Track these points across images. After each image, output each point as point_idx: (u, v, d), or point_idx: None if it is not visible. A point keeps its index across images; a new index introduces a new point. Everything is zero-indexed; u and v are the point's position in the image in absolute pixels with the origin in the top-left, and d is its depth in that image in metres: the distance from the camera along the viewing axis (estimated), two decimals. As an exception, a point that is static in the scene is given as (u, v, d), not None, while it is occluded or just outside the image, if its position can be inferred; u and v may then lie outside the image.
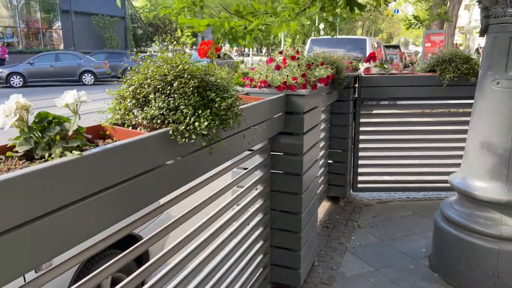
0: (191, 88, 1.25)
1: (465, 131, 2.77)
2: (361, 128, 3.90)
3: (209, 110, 1.26)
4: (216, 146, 1.39)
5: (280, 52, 2.36)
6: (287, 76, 2.20)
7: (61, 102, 0.95)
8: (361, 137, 3.91)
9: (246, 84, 2.25)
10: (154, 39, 35.93)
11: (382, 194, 4.05)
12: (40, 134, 0.92)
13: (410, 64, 31.27)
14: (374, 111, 4.00)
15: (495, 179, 2.39)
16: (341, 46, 10.44)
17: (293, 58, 2.25)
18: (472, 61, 3.43)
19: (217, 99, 1.28)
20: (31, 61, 17.33)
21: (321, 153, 3.39)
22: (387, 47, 19.65)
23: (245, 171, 2.04)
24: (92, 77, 17.74)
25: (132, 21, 32.53)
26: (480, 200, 2.42)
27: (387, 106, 4.11)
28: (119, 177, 1.02)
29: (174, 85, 1.25)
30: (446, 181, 2.89)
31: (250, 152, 2.08)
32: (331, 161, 3.81)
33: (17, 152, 0.91)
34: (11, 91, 9.03)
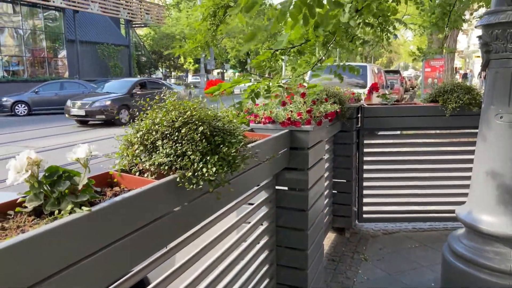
0: (199, 134, 1.27)
1: (470, 161, 2.77)
2: (365, 158, 3.89)
3: (217, 156, 1.27)
4: (223, 189, 1.39)
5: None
6: (292, 112, 2.22)
7: (73, 156, 0.96)
8: (365, 167, 3.90)
9: (250, 120, 2.27)
10: (157, 65, 36.52)
11: (388, 224, 4.01)
12: (50, 189, 0.92)
13: (411, 88, 31.55)
14: (377, 141, 4.01)
15: (502, 213, 2.37)
16: (342, 73, 10.58)
17: (303, 95, 2.28)
18: (474, 92, 3.46)
19: (225, 145, 1.29)
20: (36, 90, 17.59)
21: (325, 184, 3.38)
22: (388, 72, 19.89)
23: (250, 207, 2.03)
24: (96, 104, 17.91)
25: (136, 49, 33.15)
26: (487, 234, 2.39)
27: (391, 136, 4.12)
28: (128, 229, 1.02)
29: (182, 131, 1.27)
30: (452, 211, 2.86)
31: (255, 188, 2.07)
32: (335, 191, 3.80)
33: (26, 207, 0.91)
34: (16, 120, 9.14)
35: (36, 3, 23.24)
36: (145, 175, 1.28)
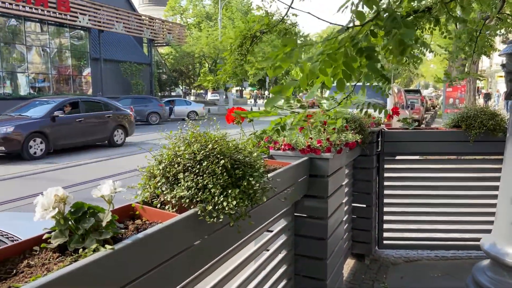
0: (220, 168, 1.28)
1: (495, 188, 2.69)
2: (386, 183, 3.83)
3: (237, 190, 1.27)
4: (243, 221, 1.39)
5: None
6: (312, 139, 2.22)
7: (98, 193, 0.98)
8: (386, 192, 3.84)
9: (270, 146, 2.28)
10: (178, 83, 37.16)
11: (410, 251, 3.91)
12: (75, 225, 0.94)
13: (432, 108, 31.11)
14: (398, 166, 3.95)
15: (531, 246, 2.28)
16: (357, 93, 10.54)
17: (324, 123, 2.27)
18: (498, 117, 3.39)
19: (246, 178, 1.30)
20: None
21: (345, 208, 3.33)
22: (408, 91, 19.71)
23: (268, 235, 2.02)
24: (117, 121, 18.25)
25: (157, 67, 33.89)
26: (514, 267, 2.31)
27: (412, 161, 4.05)
28: (149, 265, 1.02)
29: (204, 164, 1.28)
30: (476, 239, 2.78)
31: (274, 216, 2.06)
32: (354, 216, 3.74)
33: (51, 243, 0.93)
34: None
35: (63, 23, 24.11)
36: (166, 207, 1.29)
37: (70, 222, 0.94)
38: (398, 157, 3.95)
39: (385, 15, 1.03)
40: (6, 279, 0.81)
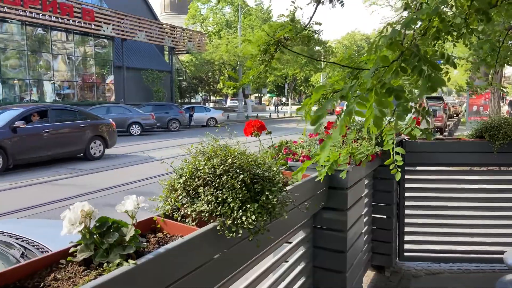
0: (239, 182, 1.30)
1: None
2: (407, 194, 3.78)
3: (256, 204, 1.29)
4: (262, 235, 1.40)
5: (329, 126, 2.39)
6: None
7: (121, 208, 1.01)
8: (407, 203, 3.78)
9: (288, 158, 2.29)
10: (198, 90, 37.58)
11: (431, 264, 3.83)
12: (100, 239, 0.97)
13: (455, 115, 30.48)
14: (420, 177, 3.89)
15: (558, 262, 2.21)
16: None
17: (343, 136, 2.27)
18: (523, 128, 3.31)
19: (264, 193, 1.31)
20: (84, 113, 18.43)
21: (365, 220, 3.30)
22: (430, 98, 19.38)
23: (287, 246, 2.02)
24: (139, 128, 18.63)
25: (178, 74, 34.39)
26: (542, 284, 2.24)
27: (434, 172, 3.99)
28: (170, 279, 1.05)
29: (223, 178, 1.30)
30: (500, 252, 2.70)
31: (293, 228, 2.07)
32: (374, 227, 3.69)
33: (76, 257, 0.96)
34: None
35: (87, 32, 24.78)
36: (187, 220, 1.31)
37: (95, 237, 0.97)
38: (419, 168, 3.89)
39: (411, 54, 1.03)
40: (35, 292, 0.85)
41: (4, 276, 0.87)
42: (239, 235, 1.24)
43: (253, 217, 1.26)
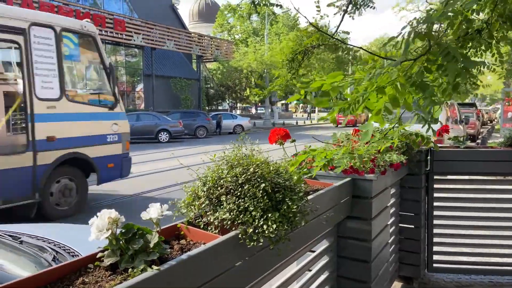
0: (261, 191, 1.32)
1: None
2: (436, 203, 3.69)
3: (277, 213, 1.30)
4: (284, 244, 1.41)
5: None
6: (355, 159, 2.21)
7: (146, 216, 1.05)
8: (436, 212, 3.69)
9: (312, 166, 2.29)
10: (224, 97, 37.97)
11: (462, 276, 3.71)
12: (125, 245, 1.01)
13: (489, 122, 29.45)
14: (449, 186, 3.79)
15: None
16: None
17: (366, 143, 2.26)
18: (559, 136, 3.18)
19: (285, 202, 1.33)
20: (115, 121, 19.01)
21: (391, 230, 3.24)
22: (462, 105, 18.82)
23: (310, 255, 2.02)
24: (167, 135, 18.99)
25: (205, 82, 34.88)
26: None
27: (465, 181, 3.88)
28: (193, 285, 1.08)
29: (245, 187, 1.33)
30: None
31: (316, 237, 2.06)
32: (402, 237, 3.62)
33: (103, 262, 1.00)
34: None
35: (119, 41, 25.57)
36: (209, 227, 1.34)
37: (121, 243, 1.02)
38: (449, 177, 3.80)
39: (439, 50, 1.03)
40: (64, 295, 0.89)
41: (37, 279, 0.92)
42: (260, 243, 1.26)
43: (274, 226, 1.27)
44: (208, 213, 1.35)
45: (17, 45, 5.81)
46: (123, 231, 1.04)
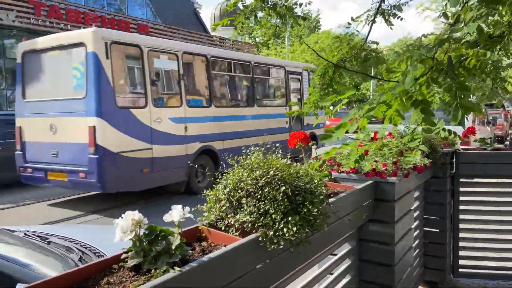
0: (281, 194, 1.32)
1: None
2: (462, 207, 3.60)
3: (298, 216, 1.30)
4: (305, 247, 1.41)
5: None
6: (377, 162, 2.18)
7: (168, 218, 1.07)
8: (461, 216, 3.60)
9: (333, 169, 2.27)
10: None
11: (488, 281, 3.60)
12: (148, 246, 1.04)
13: (518, 123, 28.41)
14: (476, 189, 3.69)
15: None
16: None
17: (401, 153, 2.24)
18: None
19: (305, 205, 1.32)
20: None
21: (415, 233, 3.18)
22: (490, 106, 18.25)
23: (332, 258, 2.01)
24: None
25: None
26: None
27: (492, 184, 3.77)
28: (214, 286, 1.09)
29: (265, 190, 1.33)
30: None
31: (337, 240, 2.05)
32: (426, 241, 3.55)
33: (127, 262, 1.03)
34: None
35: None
36: (230, 230, 1.35)
37: (144, 244, 1.04)
38: (476, 180, 3.70)
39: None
40: (89, 294, 0.92)
41: (64, 279, 0.95)
42: (281, 246, 1.26)
43: (295, 228, 1.27)
44: (228, 216, 1.36)
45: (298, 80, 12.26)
46: (146, 232, 1.06)
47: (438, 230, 3.51)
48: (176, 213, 1.07)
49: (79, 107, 6.65)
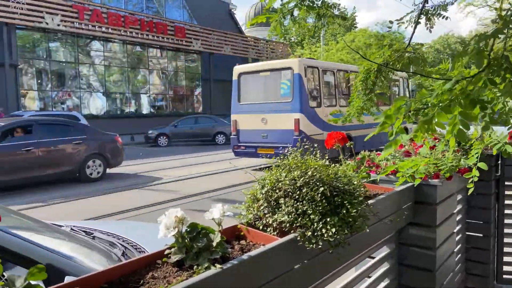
0: (319, 195, 1.32)
1: None
2: (507, 211, 3.43)
3: (336, 217, 1.30)
4: (343, 249, 1.40)
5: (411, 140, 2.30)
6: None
7: (209, 216, 1.10)
8: (507, 221, 3.44)
9: (371, 170, 2.24)
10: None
11: (538, 291, 3.42)
12: (190, 243, 1.07)
13: None
14: (522, 193, 3.51)
15: None
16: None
17: (432, 148, 2.18)
18: None
19: (345, 206, 1.31)
20: (175, 124, 19.86)
21: (457, 238, 3.07)
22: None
23: (370, 261, 1.97)
24: (224, 137, 19.41)
25: (261, 85, 35.10)
26: None
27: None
28: (252, 285, 1.10)
29: (303, 190, 1.33)
30: None
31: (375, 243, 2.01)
32: (468, 247, 3.41)
33: (170, 258, 1.06)
34: (158, 150, 10.29)
35: (179, 48, 26.61)
36: (268, 229, 1.37)
37: (186, 241, 1.07)
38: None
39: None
40: None
41: (111, 272, 1.00)
42: (319, 246, 1.26)
43: (333, 229, 1.27)
44: (266, 215, 1.38)
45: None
46: (188, 229, 1.09)
47: (481, 235, 3.36)
48: (216, 211, 1.10)
49: (286, 107, 10.43)
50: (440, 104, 1.00)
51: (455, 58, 1.26)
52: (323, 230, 1.27)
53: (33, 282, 0.82)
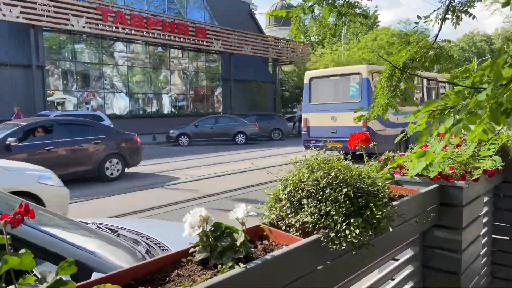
0: (343, 196, 1.31)
1: None
2: (536, 214, 3.32)
3: (360, 219, 1.28)
4: (367, 250, 1.39)
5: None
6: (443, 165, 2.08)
7: (233, 215, 1.11)
8: (536, 224, 3.32)
9: (395, 171, 2.20)
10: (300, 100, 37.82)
11: None
12: (214, 242, 1.08)
13: None
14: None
15: None
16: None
17: (458, 146, 2.13)
18: None
19: (369, 208, 1.30)
20: (196, 124, 20.04)
21: (483, 241, 2.99)
22: None
23: (394, 263, 1.95)
24: (243, 137, 19.48)
25: (280, 85, 35.08)
26: None
27: None
28: (275, 285, 1.11)
29: (326, 191, 1.33)
30: None
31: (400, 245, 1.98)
32: (495, 250, 3.32)
33: (195, 257, 1.08)
34: (179, 149, 10.30)
35: (200, 48, 26.83)
36: (291, 230, 1.36)
37: (210, 240, 1.08)
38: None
39: None
40: (161, 285, 0.98)
41: (137, 269, 1.02)
42: (343, 247, 1.25)
43: (357, 231, 1.26)
44: (289, 216, 1.37)
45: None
46: (212, 229, 1.10)
47: (508, 238, 3.27)
48: (240, 210, 1.10)
49: (355, 107, 10.88)
50: (471, 110, 0.97)
51: (491, 64, 1.23)
52: (347, 231, 1.26)
53: (63, 278, 0.85)
